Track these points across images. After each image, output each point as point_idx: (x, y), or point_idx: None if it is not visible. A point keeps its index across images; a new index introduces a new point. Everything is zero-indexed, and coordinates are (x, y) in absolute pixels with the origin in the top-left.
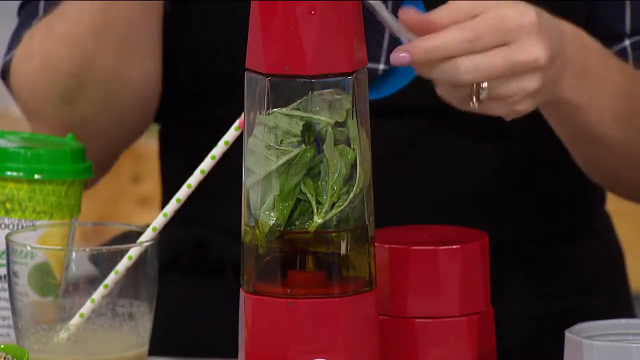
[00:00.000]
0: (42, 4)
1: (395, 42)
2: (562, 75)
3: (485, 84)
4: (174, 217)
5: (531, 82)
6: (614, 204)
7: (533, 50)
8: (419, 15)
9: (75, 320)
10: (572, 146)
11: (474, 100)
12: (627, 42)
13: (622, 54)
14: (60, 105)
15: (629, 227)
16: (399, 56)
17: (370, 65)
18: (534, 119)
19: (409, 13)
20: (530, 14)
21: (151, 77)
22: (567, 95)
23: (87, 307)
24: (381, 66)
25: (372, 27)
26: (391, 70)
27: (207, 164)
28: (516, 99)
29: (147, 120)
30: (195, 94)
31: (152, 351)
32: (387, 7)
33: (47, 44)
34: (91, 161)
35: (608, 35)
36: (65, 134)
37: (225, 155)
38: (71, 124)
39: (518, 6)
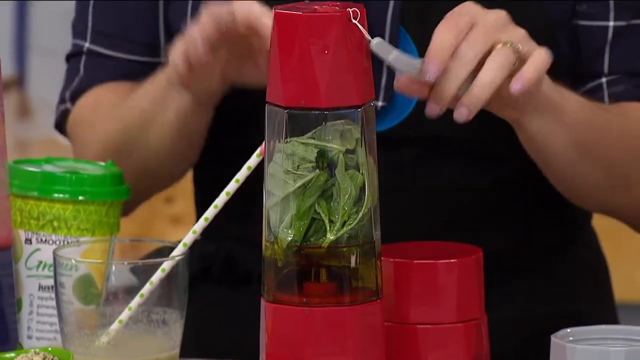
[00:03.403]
0: (82, 61)
1: (392, 81)
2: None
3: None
4: (206, 233)
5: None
6: (596, 222)
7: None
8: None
9: (115, 325)
10: (541, 165)
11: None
12: (603, 80)
13: (597, 90)
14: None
15: (610, 243)
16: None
17: None
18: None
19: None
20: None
21: (202, 135)
22: (534, 124)
23: (125, 314)
24: (380, 103)
25: (372, 68)
26: (389, 106)
27: (231, 186)
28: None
29: (196, 155)
30: (223, 127)
31: (184, 353)
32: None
33: (105, 122)
34: (141, 192)
35: (586, 73)
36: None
37: (250, 179)
38: (128, 174)
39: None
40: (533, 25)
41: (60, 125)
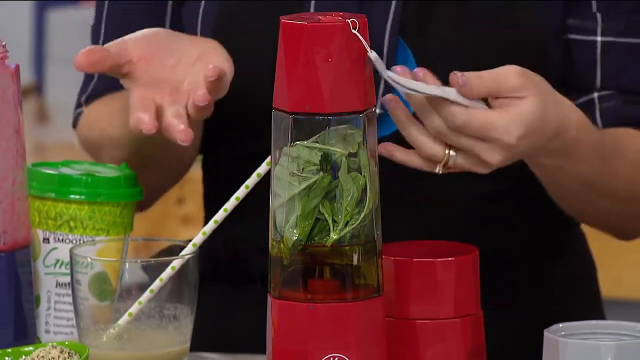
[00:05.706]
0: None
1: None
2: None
3: (452, 152)
4: (215, 235)
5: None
6: (585, 225)
7: (493, 157)
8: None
9: (124, 318)
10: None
11: (439, 168)
12: (595, 95)
13: (589, 105)
14: (122, 156)
15: (599, 243)
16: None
17: None
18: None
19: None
20: (512, 136)
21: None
22: (547, 161)
23: (134, 308)
24: (377, 110)
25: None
26: (384, 113)
27: (241, 192)
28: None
29: (196, 153)
30: (232, 131)
31: (195, 347)
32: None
33: (103, 119)
34: (148, 190)
35: (578, 86)
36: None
37: (255, 185)
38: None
39: (509, 120)
40: (524, 35)
41: (76, 125)
